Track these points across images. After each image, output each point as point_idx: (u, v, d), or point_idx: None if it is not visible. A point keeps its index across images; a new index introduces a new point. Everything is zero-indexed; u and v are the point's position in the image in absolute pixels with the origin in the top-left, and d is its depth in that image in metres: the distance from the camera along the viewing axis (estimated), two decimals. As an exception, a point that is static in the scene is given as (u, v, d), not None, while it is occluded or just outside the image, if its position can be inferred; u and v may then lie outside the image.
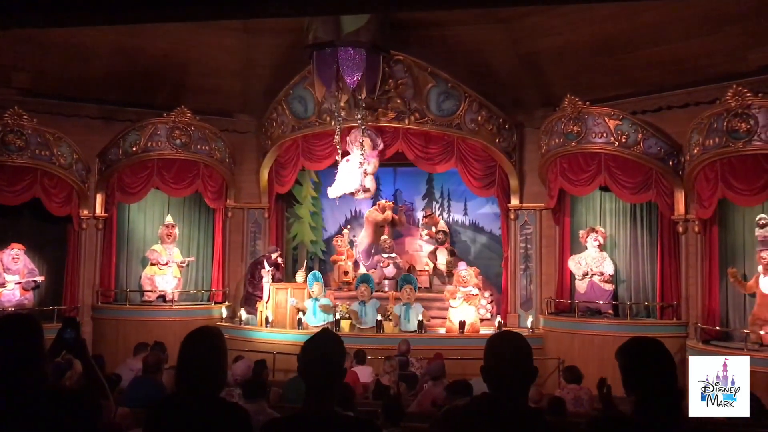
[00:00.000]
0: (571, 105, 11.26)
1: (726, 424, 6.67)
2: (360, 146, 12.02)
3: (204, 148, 13.08)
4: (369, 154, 12.34)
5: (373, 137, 12.49)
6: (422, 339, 11.57)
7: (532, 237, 12.95)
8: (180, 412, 2.80)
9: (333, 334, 2.87)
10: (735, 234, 10.58)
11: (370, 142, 12.43)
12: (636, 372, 2.58)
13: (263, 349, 11.08)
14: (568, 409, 6.78)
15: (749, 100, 9.22)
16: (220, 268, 13.81)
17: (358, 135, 12.04)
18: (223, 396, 3.07)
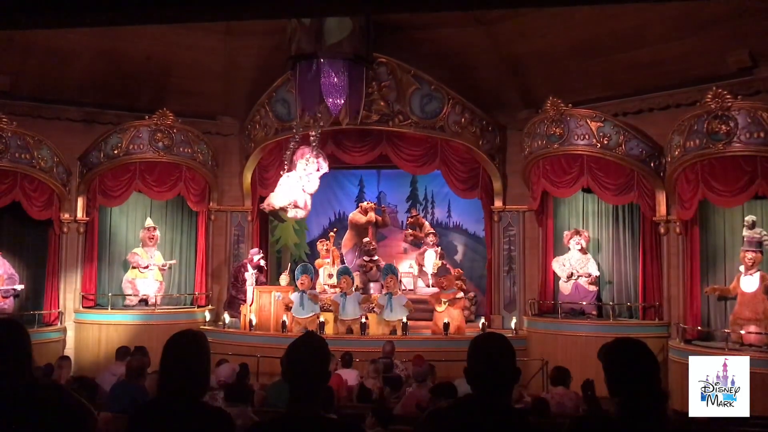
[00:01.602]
0: (554, 107, 11.33)
1: (709, 422, 6.74)
2: (306, 162, 12.03)
3: (186, 150, 13.00)
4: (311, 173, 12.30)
5: (321, 161, 12.45)
6: (407, 341, 11.56)
7: (516, 239, 13.00)
8: (162, 416, 2.78)
9: (317, 337, 2.86)
10: (716, 235, 10.69)
11: (316, 163, 12.40)
12: (619, 373, 2.59)
13: (247, 352, 11.02)
14: (553, 411, 6.79)
15: (729, 102, 9.32)
16: (203, 271, 13.73)
17: (307, 152, 12.08)
18: (207, 400, 3.05)
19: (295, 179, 12.20)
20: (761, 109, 9.18)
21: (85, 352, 12.32)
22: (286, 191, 12.19)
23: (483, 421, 2.44)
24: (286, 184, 12.24)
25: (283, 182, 12.27)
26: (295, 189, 12.18)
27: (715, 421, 6.73)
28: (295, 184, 12.18)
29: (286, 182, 12.24)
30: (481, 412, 2.47)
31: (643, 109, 11.48)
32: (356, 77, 11.26)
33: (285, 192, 12.21)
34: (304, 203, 12.38)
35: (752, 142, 9.22)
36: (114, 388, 6.75)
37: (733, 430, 6.19)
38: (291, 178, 12.24)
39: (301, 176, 12.17)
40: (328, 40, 10.94)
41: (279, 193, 12.26)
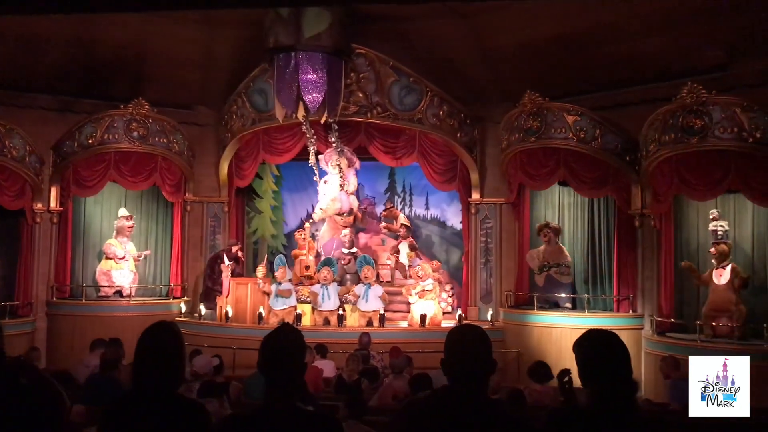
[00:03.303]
0: (531, 101, 11.38)
1: (679, 414, 6.84)
2: (337, 168, 12.29)
3: (162, 140, 12.87)
4: (347, 174, 12.65)
5: (349, 156, 12.78)
6: (384, 333, 11.60)
7: (493, 231, 13.08)
8: (137, 409, 2.76)
9: (293, 329, 2.85)
10: (689, 228, 10.84)
11: (347, 162, 12.93)
12: (591, 364, 2.62)
13: (223, 344, 10.97)
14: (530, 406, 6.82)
15: (704, 97, 9.43)
16: (179, 262, 13.63)
17: (334, 155, 12.28)
18: (182, 391, 3.03)
19: (335, 186, 12.90)
20: (735, 104, 9.30)
21: (59, 343, 12.17)
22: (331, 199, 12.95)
23: (459, 413, 2.45)
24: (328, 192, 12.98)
25: (323, 190, 13.02)
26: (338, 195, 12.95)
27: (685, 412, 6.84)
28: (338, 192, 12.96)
29: (327, 189, 12.97)
30: (457, 404, 2.48)
31: (620, 104, 11.57)
32: (335, 72, 11.24)
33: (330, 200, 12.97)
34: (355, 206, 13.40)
35: (726, 137, 9.34)
36: (88, 381, 6.68)
37: (700, 421, 6.30)
38: (331, 185, 12.90)
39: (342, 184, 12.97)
40: (306, 32, 10.89)
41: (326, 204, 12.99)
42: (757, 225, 10.27)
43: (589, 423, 2.54)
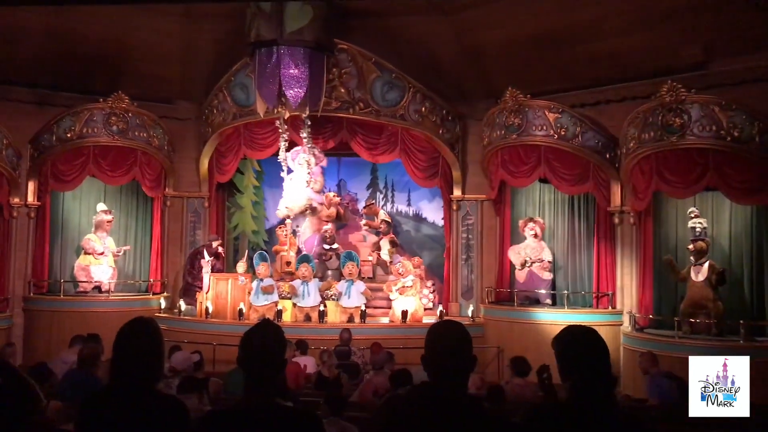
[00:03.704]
0: (513, 98, 11.42)
1: (655, 409, 6.92)
2: (307, 164, 12.19)
3: (142, 135, 12.76)
4: (314, 172, 12.53)
5: (317, 153, 12.64)
6: (364, 329, 11.60)
7: (474, 227, 13.13)
8: (114, 405, 2.74)
9: (273, 325, 2.84)
10: (668, 225, 10.95)
11: (315, 160, 12.77)
12: (570, 359, 2.64)
13: (203, 340, 10.92)
14: (510, 401, 6.85)
15: (683, 95, 9.52)
16: (159, 258, 13.53)
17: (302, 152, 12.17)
18: (161, 388, 3.01)
19: (302, 184, 12.62)
20: (714, 103, 9.39)
21: (36, 339, 12.04)
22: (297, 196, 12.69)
23: (438, 409, 2.45)
24: (294, 189, 12.70)
25: (289, 186, 12.73)
26: (304, 192, 12.69)
27: (659, 406, 6.90)
28: (304, 189, 12.66)
29: (293, 186, 12.70)
30: (436, 400, 2.48)
31: (600, 101, 11.65)
32: (317, 67, 11.19)
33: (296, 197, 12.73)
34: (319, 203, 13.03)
35: (705, 135, 9.44)
36: (66, 377, 6.61)
37: (677, 416, 6.37)
38: (296, 182, 12.63)
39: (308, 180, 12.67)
40: (288, 27, 10.83)
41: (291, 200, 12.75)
42: (734, 223, 10.39)
43: (568, 418, 2.56)
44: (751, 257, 10.17)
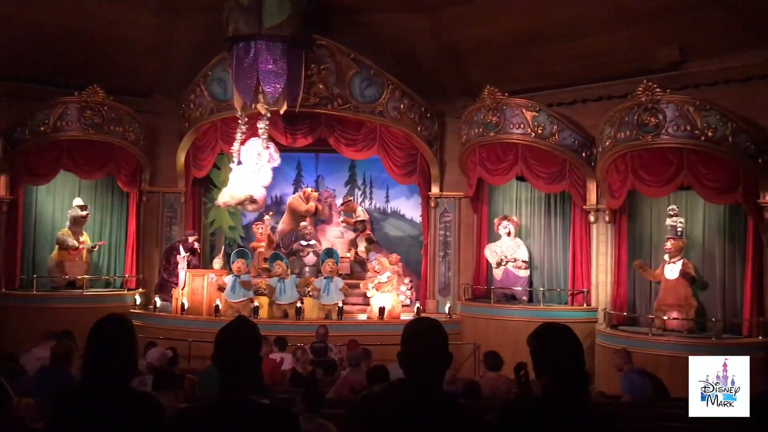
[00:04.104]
0: (491, 96, 11.47)
1: (628, 406, 7.00)
2: (259, 155, 11.83)
3: (118, 129, 12.62)
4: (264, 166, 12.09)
5: (273, 152, 12.27)
6: (342, 325, 11.61)
7: (451, 224, 13.18)
8: (88, 402, 2.71)
9: (248, 322, 2.82)
10: (643, 224, 11.08)
11: (269, 155, 12.20)
12: (545, 356, 2.66)
13: (179, 336, 10.84)
14: (485, 396, 6.91)
15: (658, 95, 9.63)
16: (134, 253, 13.40)
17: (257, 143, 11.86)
18: (135, 384, 2.98)
19: (249, 173, 11.97)
20: (688, 103, 9.51)
21: (8, 336, 11.83)
22: (242, 186, 11.94)
23: (414, 405, 2.46)
24: (239, 179, 11.99)
25: (235, 176, 12.04)
26: (248, 183, 11.95)
27: (634, 403, 6.98)
28: (249, 178, 11.94)
29: (239, 176, 12.01)
30: (412, 396, 2.49)
31: (577, 100, 11.75)
32: (295, 62, 11.15)
33: (238, 187, 11.95)
34: (261, 197, 12.19)
35: (679, 134, 9.56)
36: (38, 374, 6.52)
37: (650, 412, 6.46)
38: (243, 172, 12.01)
39: (255, 171, 11.97)
40: (266, 22, 10.78)
41: (235, 188, 12.01)
42: (708, 221, 10.55)
43: (542, 414, 2.58)
44: (723, 256, 10.32)
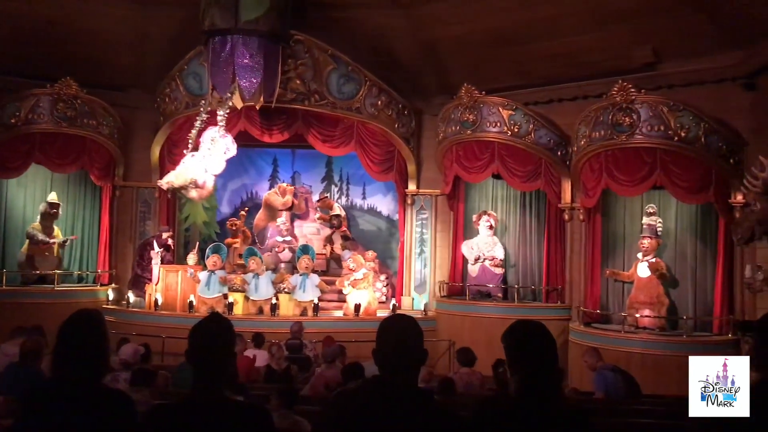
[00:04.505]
0: (468, 94, 11.51)
1: (600, 402, 7.07)
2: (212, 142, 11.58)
3: (91, 122, 12.46)
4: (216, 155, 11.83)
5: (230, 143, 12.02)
6: (317, 322, 11.58)
7: (428, 222, 13.20)
8: (58, 399, 2.66)
9: (223, 318, 2.79)
10: (616, 222, 11.20)
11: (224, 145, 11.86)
12: (518, 352, 2.68)
13: (152, 332, 10.73)
14: (460, 393, 6.95)
15: (633, 95, 9.74)
16: (107, 249, 13.24)
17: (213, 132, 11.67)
18: (108, 381, 2.95)
19: (199, 158, 11.65)
20: (662, 103, 9.64)
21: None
22: (187, 170, 11.56)
23: (389, 402, 2.46)
24: (188, 163, 11.64)
25: (186, 161, 11.69)
26: (197, 168, 11.59)
27: (608, 399, 7.06)
28: (198, 163, 11.60)
29: (189, 161, 11.66)
30: (387, 393, 2.49)
31: (553, 99, 11.83)
32: (272, 57, 11.08)
33: (185, 171, 11.57)
34: (204, 183, 11.71)
35: (653, 134, 9.68)
36: (7, 370, 6.41)
37: (622, 408, 6.53)
38: (195, 157, 11.68)
39: (205, 155, 11.61)
40: (243, 16, 10.69)
41: (179, 171, 11.65)
42: (680, 221, 10.69)
43: (516, 410, 2.59)
44: (695, 254, 10.47)
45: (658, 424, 5.64)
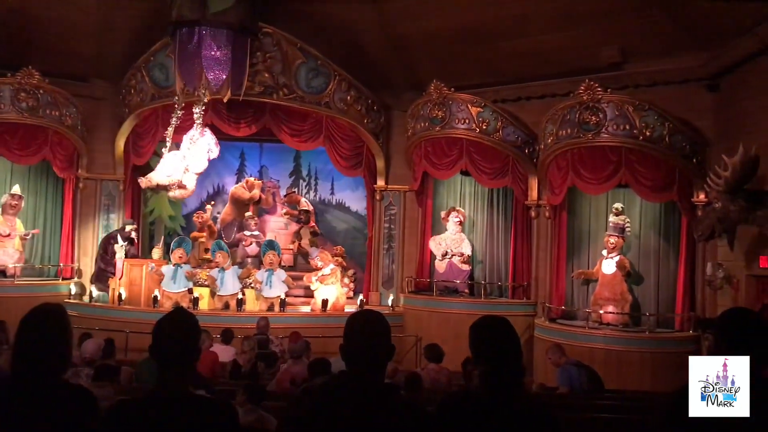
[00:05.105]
0: (437, 90, 11.55)
1: (563, 397, 7.16)
2: (191, 140, 11.50)
3: (54, 113, 12.21)
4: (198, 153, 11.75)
5: (212, 143, 11.94)
6: (285, 317, 11.52)
7: (396, 217, 13.21)
8: (18, 396, 2.61)
9: (187, 313, 2.76)
10: (582, 220, 11.34)
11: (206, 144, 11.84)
12: (483, 348, 2.71)
13: (115, 327, 10.57)
14: (427, 388, 6.97)
15: (599, 94, 9.87)
16: (69, 242, 13.00)
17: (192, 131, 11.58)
18: (69, 376, 2.89)
19: (180, 158, 11.58)
20: (628, 102, 9.78)
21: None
22: (169, 169, 11.50)
23: (355, 397, 2.45)
24: (170, 162, 11.57)
25: (167, 159, 11.62)
26: (179, 168, 11.55)
27: (571, 394, 7.15)
28: (180, 162, 11.54)
29: (171, 160, 11.59)
30: (353, 389, 2.48)
31: (522, 97, 11.92)
32: (240, 50, 10.97)
33: (168, 170, 11.51)
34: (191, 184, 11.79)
35: (618, 133, 9.82)
36: (-35, 365, 6.27)
37: (584, 403, 6.62)
38: (176, 156, 11.62)
39: (186, 155, 11.55)
40: (212, 7, 10.56)
41: (161, 171, 11.58)
42: (644, 219, 10.87)
43: (480, 404, 2.61)
44: (658, 252, 10.66)
45: (621, 419, 5.73)
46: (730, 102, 9.53)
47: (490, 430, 2.56)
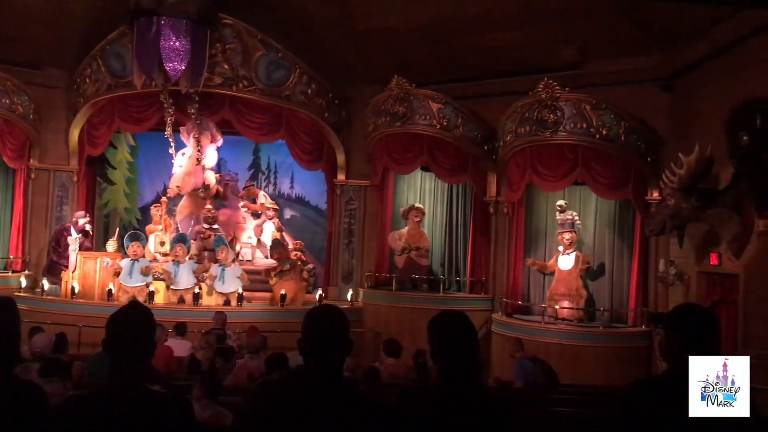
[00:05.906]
0: (399, 86, 11.55)
1: (522, 392, 7.25)
2: (196, 142, 11.68)
3: (4, 101, 11.90)
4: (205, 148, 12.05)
5: (213, 132, 12.20)
6: (242, 312, 11.41)
7: (356, 212, 13.19)
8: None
9: (142, 307, 2.71)
10: (539, 216, 11.50)
11: (209, 137, 12.33)
12: (440, 342, 2.73)
13: (68, 321, 10.34)
14: (385, 383, 6.99)
15: (558, 93, 10.00)
16: (20, 233, 12.68)
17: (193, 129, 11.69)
18: (19, 372, 2.81)
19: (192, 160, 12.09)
20: (585, 101, 9.93)
21: None
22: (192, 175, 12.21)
23: (313, 392, 2.44)
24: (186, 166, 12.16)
25: (180, 163, 12.14)
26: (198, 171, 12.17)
27: (527, 387, 7.24)
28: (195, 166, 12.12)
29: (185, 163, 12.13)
30: (311, 383, 2.47)
31: (482, 94, 12.00)
32: (199, 41, 10.83)
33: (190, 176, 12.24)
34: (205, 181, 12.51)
35: (576, 132, 9.97)
36: None
37: (541, 397, 6.72)
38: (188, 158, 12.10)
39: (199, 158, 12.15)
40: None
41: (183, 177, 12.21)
42: (599, 216, 11.06)
43: (437, 398, 2.63)
44: (612, 248, 10.86)
45: (576, 413, 5.82)
46: (685, 102, 9.74)
47: (448, 423, 2.58)
